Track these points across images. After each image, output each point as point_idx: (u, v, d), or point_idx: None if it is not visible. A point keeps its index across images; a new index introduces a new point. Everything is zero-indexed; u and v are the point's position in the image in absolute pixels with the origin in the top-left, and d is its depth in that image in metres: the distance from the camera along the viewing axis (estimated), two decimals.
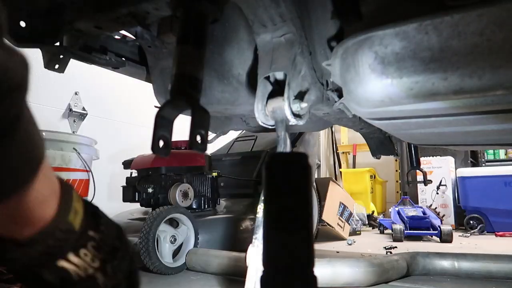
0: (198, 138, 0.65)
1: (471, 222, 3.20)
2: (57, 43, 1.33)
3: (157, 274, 1.50)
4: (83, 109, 2.68)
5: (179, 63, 0.70)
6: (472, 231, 3.08)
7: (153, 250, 1.43)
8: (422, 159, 3.10)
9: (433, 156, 3.65)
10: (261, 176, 2.19)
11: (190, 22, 0.73)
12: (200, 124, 0.66)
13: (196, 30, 0.72)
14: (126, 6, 1.09)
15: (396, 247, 2.25)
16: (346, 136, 5.24)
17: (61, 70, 1.45)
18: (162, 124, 0.65)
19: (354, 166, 5.05)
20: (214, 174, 2.06)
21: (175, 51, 0.71)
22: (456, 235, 2.88)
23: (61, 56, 1.40)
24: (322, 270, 1.26)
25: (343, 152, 5.18)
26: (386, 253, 1.69)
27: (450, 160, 3.65)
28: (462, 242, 2.60)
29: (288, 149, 0.74)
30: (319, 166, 4.42)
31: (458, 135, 1.10)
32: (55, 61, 1.41)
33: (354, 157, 5.06)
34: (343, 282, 1.24)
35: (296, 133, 2.40)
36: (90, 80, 2.64)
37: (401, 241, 2.57)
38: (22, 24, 1.28)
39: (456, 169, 3.57)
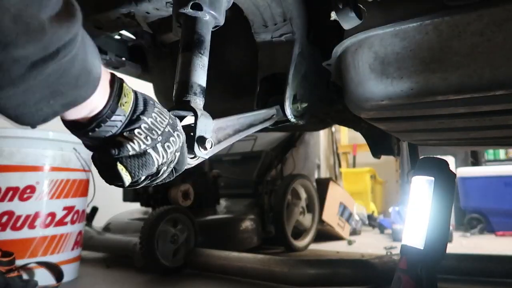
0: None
1: (472, 222, 3.19)
2: None
3: (157, 274, 1.50)
4: None
5: (182, 71, 0.70)
6: (472, 231, 3.07)
7: (153, 250, 1.43)
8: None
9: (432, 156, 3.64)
10: (260, 176, 2.19)
11: (193, 30, 0.73)
12: (204, 130, 0.67)
13: (199, 37, 0.73)
14: (126, 7, 1.09)
15: (396, 247, 2.25)
16: (346, 136, 5.24)
17: None
18: None
19: (354, 166, 5.05)
20: (214, 174, 2.06)
21: (178, 58, 0.72)
22: (456, 235, 2.88)
23: None
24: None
25: (343, 152, 5.18)
26: (387, 253, 1.69)
27: (450, 160, 3.65)
28: (463, 242, 2.60)
29: None
30: (319, 166, 4.42)
31: (459, 135, 1.10)
32: None
33: (354, 157, 5.06)
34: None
35: (297, 133, 2.40)
36: None
37: (401, 241, 2.57)
38: None
39: (456, 169, 3.57)
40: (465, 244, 2.52)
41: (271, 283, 1.32)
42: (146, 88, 1.83)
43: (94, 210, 2.01)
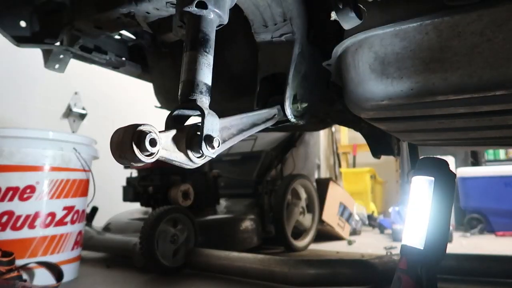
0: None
1: (472, 222, 3.19)
2: (57, 43, 1.33)
3: (157, 274, 1.50)
4: (83, 108, 2.68)
5: (187, 69, 0.70)
6: (472, 231, 3.07)
7: (153, 250, 1.43)
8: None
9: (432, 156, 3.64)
10: (260, 176, 2.19)
11: (197, 29, 0.73)
12: (211, 128, 0.68)
13: (203, 36, 0.73)
14: (126, 7, 1.09)
15: (396, 247, 2.25)
16: (346, 136, 5.24)
17: (61, 70, 1.45)
18: (172, 128, 0.66)
19: (354, 166, 5.05)
20: (215, 174, 2.06)
21: (183, 57, 0.72)
22: (456, 235, 2.88)
23: (61, 56, 1.41)
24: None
25: (343, 152, 5.18)
26: (387, 253, 1.69)
27: (450, 160, 3.65)
28: (463, 242, 2.60)
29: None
30: (319, 166, 4.42)
31: (458, 135, 1.10)
32: (55, 61, 1.41)
33: (354, 157, 5.06)
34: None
35: (296, 133, 2.40)
36: (90, 80, 2.64)
37: (401, 241, 2.56)
38: (23, 24, 1.28)
39: (456, 169, 3.57)
40: (465, 244, 2.52)
41: (271, 283, 1.32)
42: (146, 88, 1.83)
43: (94, 210, 2.01)
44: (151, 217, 1.47)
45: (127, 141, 0.58)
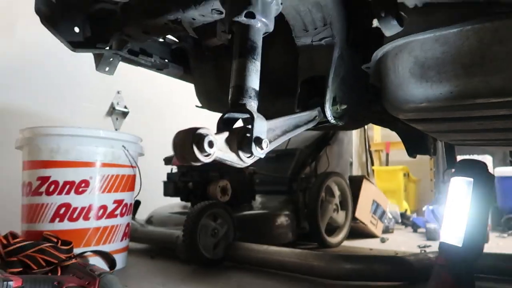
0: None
1: (509, 222, 3.11)
2: (108, 48, 1.42)
3: (198, 266, 1.57)
4: (125, 107, 2.81)
5: (237, 76, 0.76)
6: (509, 231, 3.00)
7: (195, 242, 1.51)
8: (458, 158, 3.04)
9: (470, 155, 3.57)
10: (295, 174, 2.24)
11: (246, 37, 0.79)
12: (259, 131, 0.73)
13: (252, 44, 0.78)
14: (174, 13, 1.16)
15: (430, 245, 2.25)
16: (379, 133, 5.19)
17: (111, 72, 1.55)
18: (223, 130, 0.73)
19: (387, 164, 4.99)
20: (250, 171, 2.12)
21: (233, 64, 0.78)
22: (493, 235, 2.82)
23: (111, 59, 1.50)
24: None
25: (375, 150, 5.14)
26: (421, 251, 1.71)
27: (488, 159, 3.56)
28: (499, 243, 2.55)
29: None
30: (351, 164, 4.41)
31: (498, 135, 1.11)
32: (105, 64, 1.51)
33: (387, 154, 5.00)
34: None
35: (331, 132, 2.43)
36: (130, 79, 2.75)
37: (435, 240, 2.55)
38: (76, 29, 1.38)
39: (494, 168, 3.48)
40: (502, 244, 2.47)
41: (307, 276, 1.37)
42: (184, 87, 1.91)
43: (137, 203, 2.12)
44: (193, 212, 1.55)
45: (188, 143, 0.65)
